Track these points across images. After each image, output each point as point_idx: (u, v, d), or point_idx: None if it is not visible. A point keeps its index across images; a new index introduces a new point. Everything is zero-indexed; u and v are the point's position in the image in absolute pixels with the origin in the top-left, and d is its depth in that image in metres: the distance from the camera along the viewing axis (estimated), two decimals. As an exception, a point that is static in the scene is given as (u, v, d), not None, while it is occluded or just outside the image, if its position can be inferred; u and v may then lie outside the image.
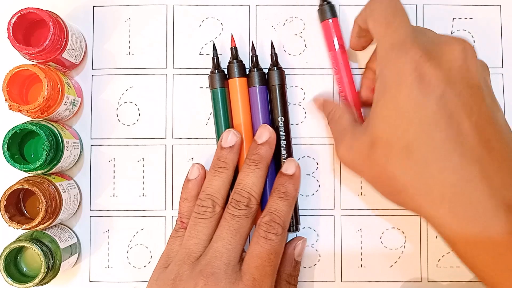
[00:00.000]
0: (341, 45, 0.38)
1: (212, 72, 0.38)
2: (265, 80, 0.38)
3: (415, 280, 0.38)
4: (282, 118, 0.37)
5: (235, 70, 0.37)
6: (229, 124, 0.37)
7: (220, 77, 0.37)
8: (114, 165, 0.39)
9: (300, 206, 0.39)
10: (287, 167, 0.35)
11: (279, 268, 0.36)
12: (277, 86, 0.37)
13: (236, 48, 0.38)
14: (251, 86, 0.37)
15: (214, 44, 0.38)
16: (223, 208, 0.34)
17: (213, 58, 0.38)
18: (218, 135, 0.37)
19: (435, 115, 0.28)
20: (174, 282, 0.31)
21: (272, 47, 0.38)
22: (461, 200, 0.28)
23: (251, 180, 0.34)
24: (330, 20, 0.38)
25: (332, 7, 0.38)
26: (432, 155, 0.28)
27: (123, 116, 0.39)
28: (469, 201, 0.27)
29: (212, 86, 0.38)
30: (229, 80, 0.37)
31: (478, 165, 0.28)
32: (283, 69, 0.38)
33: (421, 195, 0.29)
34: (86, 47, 0.39)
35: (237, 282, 0.31)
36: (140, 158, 0.39)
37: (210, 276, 0.30)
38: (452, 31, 0.40)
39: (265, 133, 0.35)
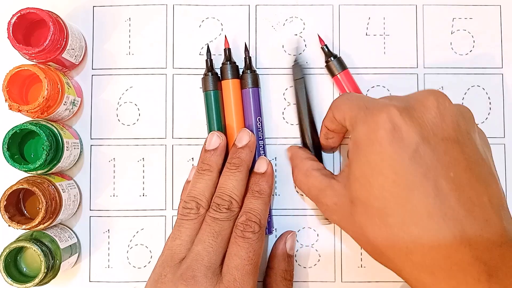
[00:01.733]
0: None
1: (205, 74, 0.38)
2: (258, 81, 0.38)
3: (415, 280, 0.38)
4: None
5: (228, 71, 0.37)
6: (221, 127, 0.37)
7: (213, 79, 0.37)
8: (114, 165, 0.39)
9: (300, 206, 0.39)
10: (259, 166, 0.36)
11: (274, 265, 0.36)
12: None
13: (229, 49, 0.38)
14: (244, 87, 0.37)
15: (208, 47, 0.38)
16: (207, 210, 0.34)
17: (206, 60, 0.38)
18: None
19: (409, 174, 0.27)
20: (157, 284, 0.31)
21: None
22: (443, 265, 0.26)
23: (231, 183, 0.34)
24: (338, 76, 0.38)
25: (340, 60, 0.38)
26: (409, 218, 0.27)
27: (123, 116, 0.39)
28: (451, 266, 0.26)
29: (205, 88, 0.38)
30: (222, 82, 0.38)
31: (459, 226, 0.26)
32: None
33: (401, 260, 0.28)
34: (86, 47, 0.39)
35: (218, 284, 0.30)
36: (140, 158, 0.39)
37: (190, 279, 0.30)
38: (452, 31, 0.40)
39: (244, 137, 0.36)
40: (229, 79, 0.37)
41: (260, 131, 0.38)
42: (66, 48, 0.35)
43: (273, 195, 0.39)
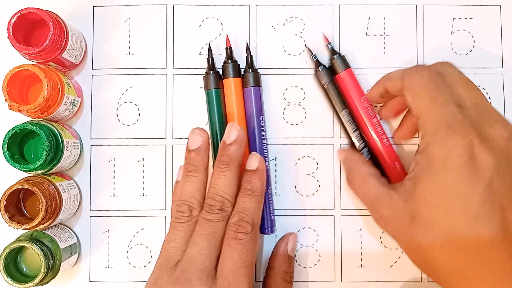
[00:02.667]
0: (362, 95, 0.38)
1: (207, 73, 0.38)
2: (260, 80, 0.38)
3: (415, 280, 0.38)
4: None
5: (230, 70, 0.37)
6: (223, 125, 0.37)
7: (215, 78, 0.37)
8: (114, 165, 0.39)
9: (300, 206, 0.39)
10: (250, 163, 0.35)
11: (274, 266, 0.36)
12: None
13: (231, 48, 0.38)
14: (246, 86, 0.37)
15: (209, 45, 0.38)
16: (200, 211, 0.34)
17: (208, 59, 0.38)
18: (212, 136, 0.37)
19: (480, 204, 0.27)
20: (153, 287, 0.31)
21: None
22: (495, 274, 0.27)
23: (222, 183, 0.33)
24: (341, 74, 0.38)
25: (343, 59, 0.38)
26: (474, 249, 0.27)
27: (123, 116, 0.39)
28: None
29: (206, 87, 0.38)
30: (224, 80, 0.38)
31: None
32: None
33: (459, 280, 0.28)
34: (86, 47, 0.39)
35: (212, 287, 0.30)
36: (140, 158, 0.39)
37: (185, 283, 0.30)
38: (452, 31, 0.40)
39: (233, 132, 0.34)
40: (230, 77, 0.37)
41: (263, 130, 0.38)
42: (66, 48, 0.35)
43: (273, 195, 0.39)
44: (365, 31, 0.40)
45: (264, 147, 0.37)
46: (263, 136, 0.37)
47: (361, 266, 0.38)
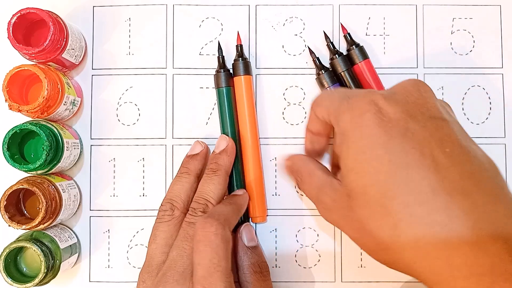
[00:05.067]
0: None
1: (217, 71, 0.38)
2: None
3: (415, 280, 0.38)
4: None
5: (241, 68, 0.37)
6: (234, 123, 0.37)
7: (226, 76, 0.38)
8: (114, 165, 0.39)
9: (300, 206, 0.39)
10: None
11: (238, 263, 0.34)
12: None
13: (241, 45, 0.38)
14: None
15: (219, 43, 0.38)
16: (184, 214, 0.34)
17: (218, 57, 0.38)
18: (224, 132, 0.38)
19: (405, 152, 0.25)
20: None
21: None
22: (460, 246, 0.23)
23: (208, 187, 0.34)
24: (359, 65, 0.37)
25: (362, 50, 0.38)
26: (413, 198, 0.25)
27: (123, 116, 0.39)
28: (469, 246, 0.23)
29: (217, 85, 0.38)
30: (235, 78, 0.38)
31: (469, 200, 0.24)
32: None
33: (410, 249, 0.25)
34: (86, 47, 0.39)
35: None
36: (140, 158, 0.39)
37: (164, 286, 0.30)
38: (452, 31, 0.40)
39: (222, 143, 0.36)
40: (241, 75, 0.37)
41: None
42: (66, 48, 0.35)
43: (272, 195, 0.39)
44: (365, 31, 0.40)
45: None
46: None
47: (361, 266, 0.38)
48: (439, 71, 0.39)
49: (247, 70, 0.37)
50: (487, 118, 0.39)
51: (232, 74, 0.38)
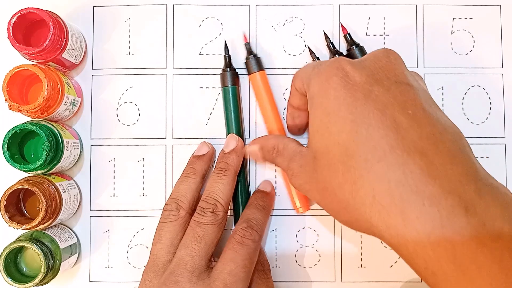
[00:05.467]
0: None
1: (223, 70, 0.38)
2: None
3: (415, 280, 0.38)
4: None
5: (254, 64, 0.38)
6: (239, 122, 0.38)
7: (232, 75, 0.38)
8: (114, 165, 0.39)
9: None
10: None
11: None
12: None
13: (249, 43, 0.38)
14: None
15: (225, 42, 0.39)
16: (189, 214, 0.34)
17: (224, 56, 0.38)
18: (228, 134, 0.38)
19: (367, 112, 0.26)
20: None
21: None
22: (412, 201, 0.24)
23: (217, 187, 0.34)
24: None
25: (362, 50, 0.38)
26: (372, 155, 0.25)
27: (123, 116, 0.39)
28: (422, 201, 0.24)
29: (223, 84, 0.38)
30: (250, 76, 0.38)
31: (425, 159, 0.24)
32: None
33: (368, 205, 0.25)
34: (86, 47, 0.39)
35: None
36: (140, 158, 0.39)
37: (173, 284, 0.30)
38: (452, 31, 0.40)
39: (231, 142, 0.36)
40: (256, 72, 0.38)
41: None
42: (66, 48, 0.35)
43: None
44: (365, 31, 0.40)
45: None
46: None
47: (361, 266, 0.38)
48: (439, 71, 0.39)
49: (260, 66, 0.38)
50: (487, 118, 0.39)
51: (237, 73, 0.38)
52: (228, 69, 0.38)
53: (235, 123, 0.38)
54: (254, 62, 0.38)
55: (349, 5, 0.40)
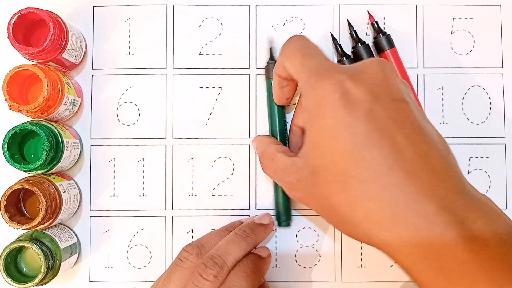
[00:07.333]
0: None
1: (268, 62, 0.38)
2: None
3: (415, 280, 0.38)
4: None
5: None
6: (283, 113, 0.38)
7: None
8: (114, 165, 0.39)
9: (300, 206, 0.39)
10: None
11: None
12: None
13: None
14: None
15: (270, 38, 0.39)
16: None
17: (269, 49, 0.39)
18: (272, 126, 0.38)
19: (366, 132, 0.27)
20: None
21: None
22: (405, 218, 0.25)
23: (232, 248, 0.32)
24: (387, 52, 0.38)
25: (388, 38, 0.38)
26: (369, 175, 0.26)
27: (123, 116, 0.39)
28: (416, 218, 0.25)
29: (268, 76, 0.38)
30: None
31: (418, 178, 0.26)
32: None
33: (368, 222, 0.27)
34: (86, 47, 0.39)
35: None
36: (140, 158, 0.39)
37: None
38: (452, 31, 0.40)
39: (265, 219, 0.36)
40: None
41: None
42: (66, 48, 0.35)
43: (272, 194, 0.39)
44: (365, 31, 0.40)
45: None
46: None
47: (361, 266, 0.38)
48: (439, 71, 0.39)
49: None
50: (487, 118, 0.39)
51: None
52: (272, 61, 0.38)
53: (279, 114, 0.37)
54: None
55: (349, 5, 0.40)
